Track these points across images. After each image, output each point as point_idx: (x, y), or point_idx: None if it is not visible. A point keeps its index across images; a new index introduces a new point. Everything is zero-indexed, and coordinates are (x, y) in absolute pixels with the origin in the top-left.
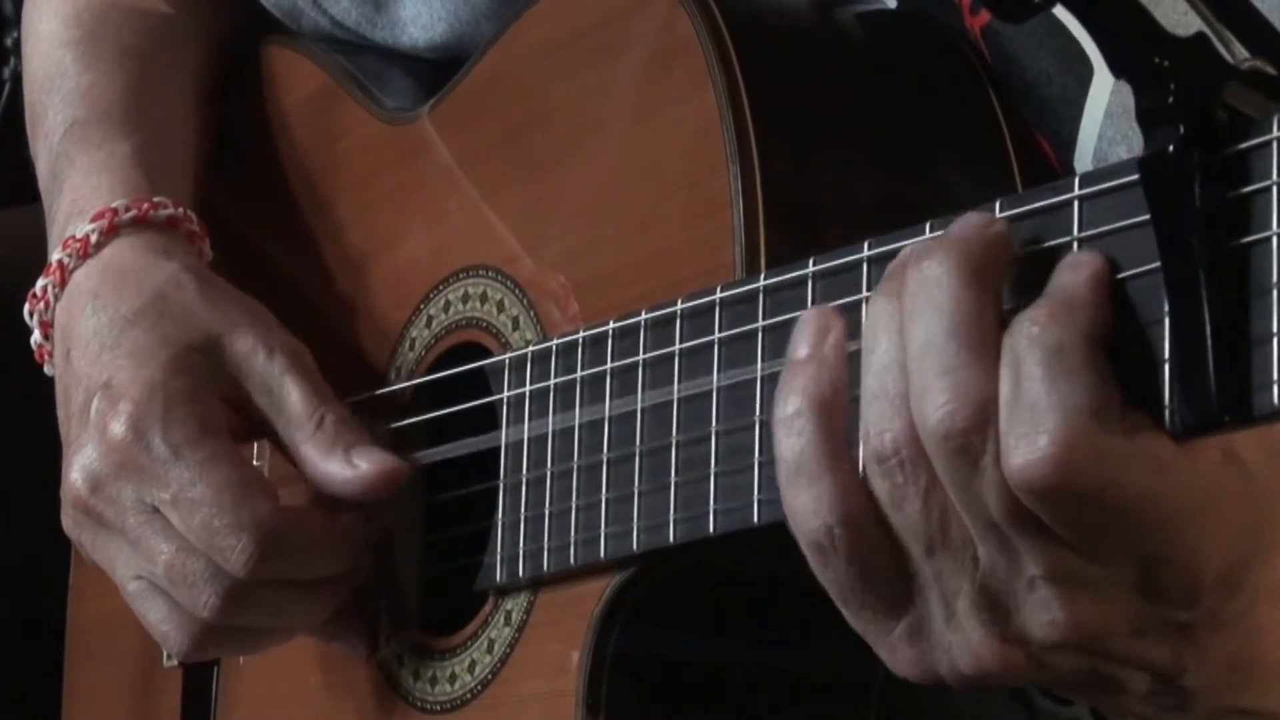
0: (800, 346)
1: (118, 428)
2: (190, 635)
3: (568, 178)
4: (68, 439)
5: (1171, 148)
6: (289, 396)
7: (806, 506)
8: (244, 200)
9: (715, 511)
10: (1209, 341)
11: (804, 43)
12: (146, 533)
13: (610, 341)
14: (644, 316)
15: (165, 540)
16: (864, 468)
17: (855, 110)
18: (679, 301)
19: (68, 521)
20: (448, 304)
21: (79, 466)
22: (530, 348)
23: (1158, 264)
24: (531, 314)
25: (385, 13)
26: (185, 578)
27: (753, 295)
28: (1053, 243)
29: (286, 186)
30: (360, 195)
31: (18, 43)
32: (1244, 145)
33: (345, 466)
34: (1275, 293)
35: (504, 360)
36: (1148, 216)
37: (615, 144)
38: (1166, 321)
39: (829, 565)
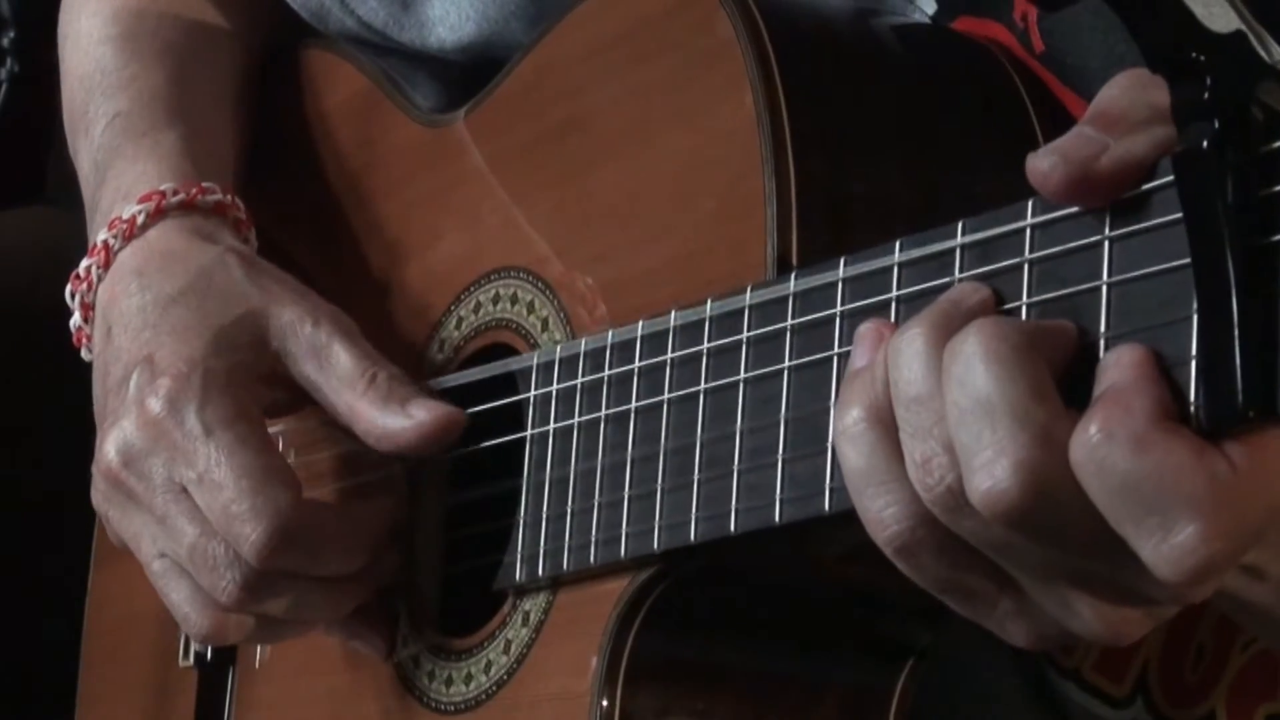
0: (857, 359)
1: (155, 403)
2: (211, 619)
3: (603, 180)
4: (103, 414)
5: (1205, 143)
6: (338, 359)
7: (883, 512)
8: (282, 200)
9: (737, 510)
10: (1236, 338)
11: (842, 49)
12: (173, 511)
13: (639, 344)
14: (672, 320)
15: (191, 521)
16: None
17: (891, 116)
18: (708, 303)
19: (97, 495)
20: (478, 305)
21: (113, 439)
22: (558, 349)
23: (1186, 260)
24: (561, 315)
25: (413, 13)
26: (207, 561)
27: (782, 297)
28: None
29: (324, 188)
30: (397, 197)
31: (15, 43)
32: (1277, 144)
33: (402, 417)
34: None
35: (532, 361)
36: (1179, 215)
37: (651, 146)
38: (1194, 318)
39: (920, 564)
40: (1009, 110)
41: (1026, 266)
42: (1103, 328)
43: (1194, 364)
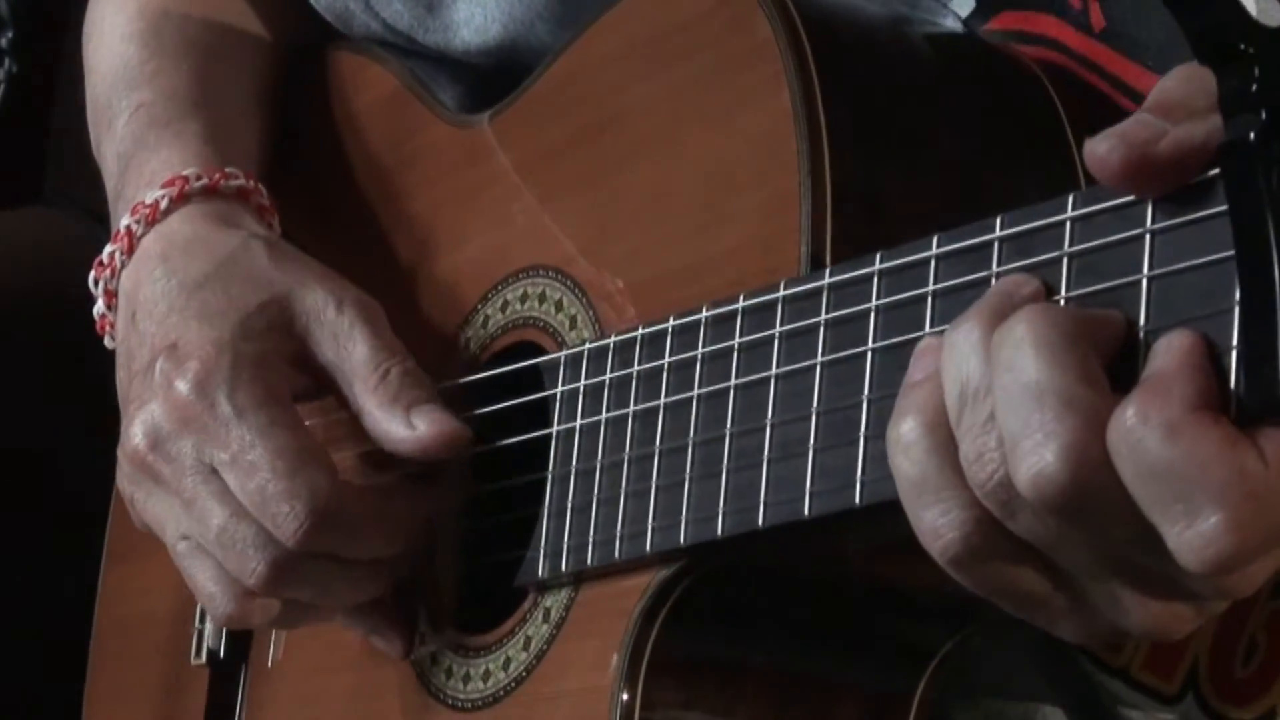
0: (915, 373)
1: (183, 386)
2: (236, 599)
3: (636, 179)
4: (128, 398)
5: (1252, 135)
6: (356, 349)
7: (935, 522)
8: (312, 200)
9: (766, 504)
10: (1279, 328)
11: (880, 52)
12: (202, 493)
13: (669, 338)
14: (705, 313)
15: (220, 503)
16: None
17: (926, 117)
18: (741, 297)
19: (123, 478)
20: (506, 304)
21: (140, 422)
22: (587, 344)
23: (1229, 253)
24: (590, 313)
25: (437, 15)
26: (235, 543)
27: (816, 292)
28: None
29: (354, 187)
30: (426, 196)
31: (13, 44)
32: None
33: (404, 426)
34: None
35: (559, 357)
36: (1224, 207)
37: (685, 145)
38: (1236, 309)
39: (971, 573)
40: (1042, 116)
41: (1066, 260)
42: (1143, 320)
43: (1235, 354)
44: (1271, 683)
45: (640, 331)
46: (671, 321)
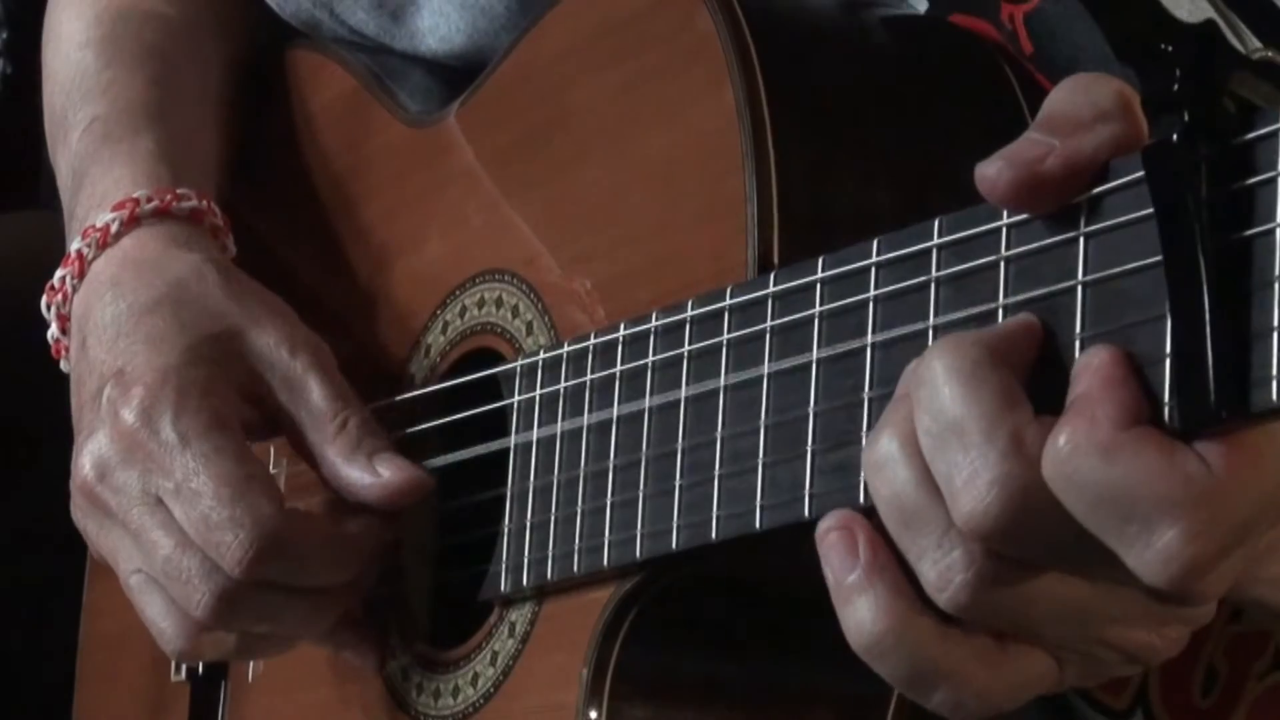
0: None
1: (128, 415)
2: (186, 634)
3: (586, 180)
4: (79, 427)
5: (1175, 136)
6: (311, 395)
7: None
8: (267, 203)
9: (718, 517)
10: (1209, 335)
11: (827, 43)
12: (147, 524)
13: (620, 346)
14: (654, 321)
15: (165, 534)
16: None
17: (876, 113)
18: (689, 305)
19: (75, 510)
20: (464, 309)
21: (88, 453)
22: (541, 354)
23: (1159, 258)
24: (546, 319)
25: (403, 24)
26: (180, 573)
27: (761, 300)
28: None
29: (310, 190)
30: (382, 199)
31: (8, 44)
32: (1250, 136)
33: (367, 473)
34: (1276, 286)
35: (515, 366)
36: (1151, 210)
37: (633, 144)
38: (1167, 317)
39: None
40: (1000, 105)
41: (1002, 265)
42: (1079, 328)
43: (1168, 364)
44: (1230, 713)
45: (592, 341)
46: (622, 330)
